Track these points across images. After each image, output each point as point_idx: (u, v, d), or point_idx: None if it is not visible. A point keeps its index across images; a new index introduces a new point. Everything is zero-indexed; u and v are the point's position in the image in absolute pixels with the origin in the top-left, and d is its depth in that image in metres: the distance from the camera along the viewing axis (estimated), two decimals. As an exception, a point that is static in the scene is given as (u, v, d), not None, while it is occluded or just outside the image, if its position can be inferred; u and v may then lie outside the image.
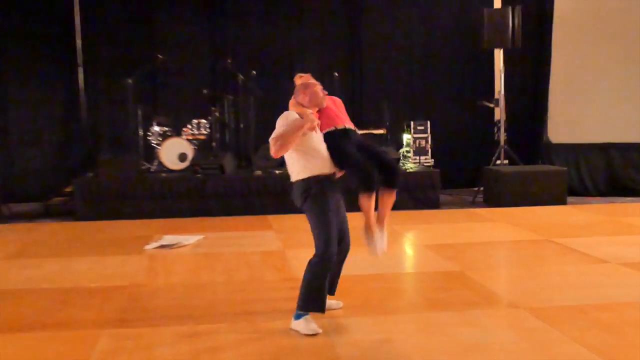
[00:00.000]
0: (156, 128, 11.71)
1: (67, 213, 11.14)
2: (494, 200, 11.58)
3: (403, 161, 12.35)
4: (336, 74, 12.27)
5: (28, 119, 12.80)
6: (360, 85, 13.64)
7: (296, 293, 5.38)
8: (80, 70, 12.82)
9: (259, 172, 11.15)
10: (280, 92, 13.01)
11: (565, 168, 11.99)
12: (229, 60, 12.18)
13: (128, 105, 11.79)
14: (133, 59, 12.80)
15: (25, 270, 7.46)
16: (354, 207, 5.60)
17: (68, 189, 11.65)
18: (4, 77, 12.76)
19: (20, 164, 12.77)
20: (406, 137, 12.86)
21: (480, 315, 5.63)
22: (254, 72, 11.79)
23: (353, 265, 7.33)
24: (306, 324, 5.22)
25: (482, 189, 12.04)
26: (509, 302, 6.03)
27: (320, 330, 5.18)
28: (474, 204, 11.76)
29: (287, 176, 5.59)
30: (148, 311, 5.91)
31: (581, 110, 12.83)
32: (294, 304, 5.36)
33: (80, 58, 12.81)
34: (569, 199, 11.66)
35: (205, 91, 12.21)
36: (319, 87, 5.52)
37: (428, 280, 6.93)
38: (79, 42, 12.76)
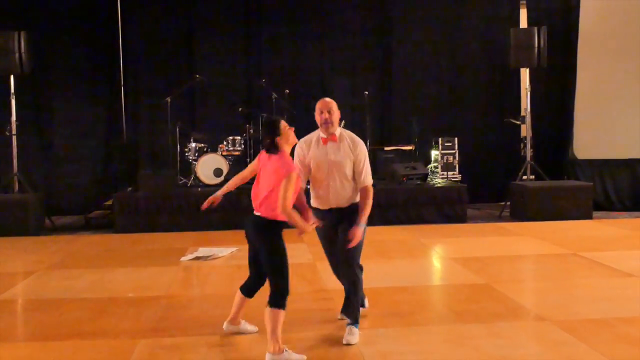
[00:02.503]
0: (193, 144, 11.74)
1: (107, 226, 11.20)
2: (520, 214, 11.42)
3: (431, 176, 12.24)
4: (366, 93, 12.24)
5: (72, 137, 12.93)
6: (390, 103, 13.58)
7: (326, 304, 5.30)
8: (122, 90, 12.93)
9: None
10: (311, 110, 13.05)
11: (590, 183, 11.81)
12: (264, 80, 12.20)
13: (166, 122, 11.85)
14: (172, 79, 12.91)
15: (66, 280, 7.48)
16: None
17: (108, 203, 11.72)
18: (50, 97, 12.92)
19: (64, 179, 12.89)
20: (434, 153, 12.77)
21: (507, 328, 5.50)
22: (287, 91, 11.78)
23: (381, 277, 7.27)
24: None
25: (508, 203, 11.89)
26: (536, 315, 5.89)
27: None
28: (500, 218, 11.60)
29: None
30: (183, 321, 5.87)
31: (606, 127, 12.66)
32: (323, 314, 5.28)
33: (122, 78, 12.93)
34: (595, 213, 11.46)
35: (240, 109, 12.23)
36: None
37: (455, 293, 6.81)
38: (121, 62, 12.88)
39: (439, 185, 11.62)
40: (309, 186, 5.49)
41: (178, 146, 11.92)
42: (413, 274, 7.56)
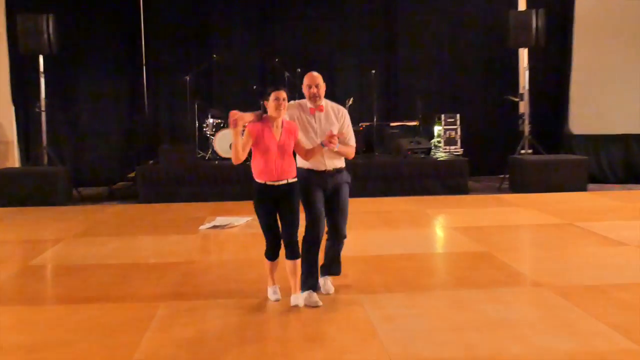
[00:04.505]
0: (210, 120, 11.68)
1: (130, 196, 11.20)
2: (519, 186, 11.34)
3: (434, 150, 12.17)
4: (373, 71, 12.12)
5: (96, 113, 12.91)
6: (395, 81, 13.49)
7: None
8: (144, 69, 12.88)
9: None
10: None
11: (585, 157, 11.72)
12: (277, 60, 12.13)
13: (186, 99, 11.79)
14: (190, 58, 12.84)
15: (92, 247, 7.49)
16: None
17: (131, 175, 11.72)
18: (77, 75, 12.87)
19: (89, 152, 12.89)
20: (437, 129, 12.69)
21: (506, 293, 5.47)
22: (299, 69, 11.67)
23: (388, 245, 7.25)
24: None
25: (507, 176, 11.80)
26: (533, 281, 5.85)
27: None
28: (500, 190, 11.54)
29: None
30: (201, 285, 5.87)
31: (601, 103, 12.52)
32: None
33: (143, 58, 12.87)
34: (589, 186, 11.36)
35: (254, 87, 12.15)
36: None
37: (457, 260, 6.78)
38: (142, 43, 12.80)
39: (441, 158, 11.55)
40: None
41: (196, 122, 11.87)
42: (417, 243, 7.53)
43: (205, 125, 11.74)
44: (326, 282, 5.57)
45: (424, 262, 6.71)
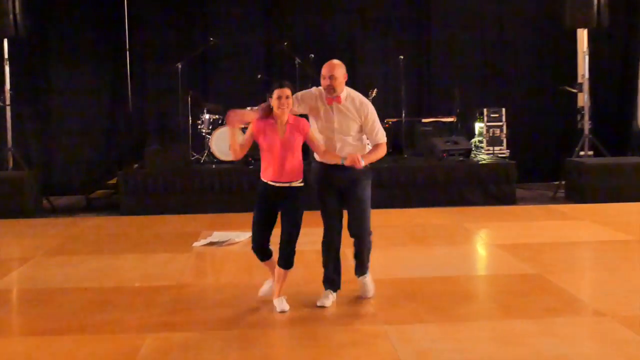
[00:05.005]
0: (207, 116, 11.73)
1: (111, 207, 11.26)
2: (576, 195, 11.29)
3: (475, 152, 12.15)
4: (401, 57, 12.11)
5: (71, 106, 12.98)
6: (428, 69, 13.49)
7: (357, 294, 5.37)
8: (127, 55, 12.94)
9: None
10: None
11: (658, 160, 11.67)
12: (285, 44, 12.14)
13: (177, 91, 11.85)
14: (183, 42, 12.91)
15: (65, 267, 7.52)
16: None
17: (112, 181, 11.79)
18: (48, 62, 12.97)
19: (62, 154, 12.98)
20: (479, 126, 12.66)
21: (561, 324, 5.44)
22: (312, 55, 11.70)
23: (419, 266, 7.24)
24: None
25: (563, 183, 11.76)
26: (595, 310, 5.82)
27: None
28: (554, 200, 11.50)
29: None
30: (195, 314, 5.88)
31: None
32: (354, 307, 5.29)
33: (127, 42, 12.94)
34: (663, 194, 11.31)
35: (259, 76, 12.18)
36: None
37: (502, 284, 6.75)
38: (125, 25, 12.87)
39: (484, 162, 11.53)
40: None
41: (190, 118, 11.92)
42: (454, 263, 7.51)
43: (200, 122, 11.79)
44: (363, 284, 6.13)
45: (462, 286, 6.69)
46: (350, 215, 5.95)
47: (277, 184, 5.68)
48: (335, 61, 5.85)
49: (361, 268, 6.14)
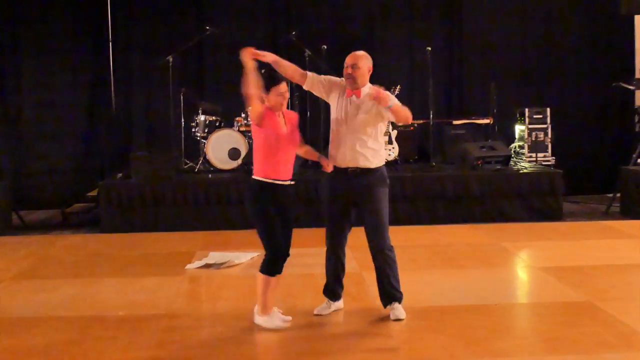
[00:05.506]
0: (202, 117, 11.77)
1: (91, 223, 11.32)
2: (634, 210, 11.28)
3: (515, 159, 12.14)
4: (429, 48, 12.12)
5: (44, 107, 13.05)
6: (460, 63, 13.50)
7: (378, 328, 5.51)
8: (110, 48, 12.98)
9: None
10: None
11: None
12: (294, 33, 12.17)
13: (168, 89, 11.88)
14: (174, 31, 12.95)
15: (38, 293, 7.53)
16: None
17: (92, 193, 11.81)
18: (17, 55, 13.03)
19: (35, 162, 13.04)
20: (519, 129, 12.67)
21: (616, 360, 5.43)
22: (325, 46, 11.74)
23: (450, 292, 7.23)
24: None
25: (618, 195, 11.74)
26: (655, 344, 5.81)
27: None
28: (607, 215, 11.49)
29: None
30: (189, 347, 5.88)
31: None
32: (373, 340, 5.25)
33: (109, 32, 12.97)
34: None
35: (263, 71, 12.17)
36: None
37: (547, 314, 6.74)
38: (108, 13, 12.91)
39: (525, 171, 11.52)
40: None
41: (183, 120, 11.96)
42: (491, 289, 7.50)
43: (194, 124, 11.82)
44: (392, 310, 6.33)
45: (500, 316, 6.69)
46: (366, 227, 6.28)
47: (287, 183, 6.10)
48: (361, 52, 6.32)
49: (386, 296, 6.37)
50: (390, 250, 6.27)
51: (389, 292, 6.34)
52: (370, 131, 6.25)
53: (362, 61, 6.24)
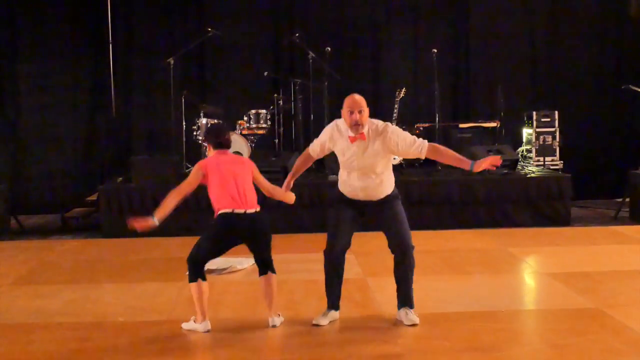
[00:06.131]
0: (203, 120, 11.78)
1: (90, 227, 11.34)
2: (643, 215, 11.29)
3: (522, 163, 12.13)
4: (434, 50, 12.14)
5: (43, 110, 13.07)
6: (467, 65, 13.51)
7: (383, 334, 5.33)
8: (110, 50, 13.00)
9: (334, 177, 11.09)
10: (362, 74, 13.06)
11: None
12: (297, 35, 12.18)
13: (169, 91, 11.89)
14: (176, 33, 12.98)
15: (37, 299, 7.54)
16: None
17: (92, 198, 11.82)
18: (15, 57, 13.05)
19: (34, 166, 13.07)
20: (526, 132, 12.66)
21: (625, 368, 5.43)
22: (329, 48, 11.75)
23: (455, 299, 7.23)
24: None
25: (627, 200, 11.73)
26: (665, 352, 5.81)
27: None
28: (616, 220, 11.49)
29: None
30: (190, 354, 5.90)
31: None
32: (378, 349, 5.25)
33: (109, 34, 12.99)
34: None
35: (266, 74, 12.23)
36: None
37: (555, 321, 6.73)
38: (109, 14, 12.93)
39: (533, 175, 11.52)
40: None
41: (184, 122, 11.97)
42: (498, 295, 7.50)
43: (195, 127, 11.84)
44: (407, 314, 6.40)
45: (506, 323, 6.68)
46: (390, 232, 6.36)
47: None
48: (358, 96, 6.22)
49: (405, 298, 6.45)
50: (413, 249, 6.40)
51: (410, 295, 6.45)
52: (381, 169, 6.28)
53: (365, 104, 6.19)
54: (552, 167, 12.19)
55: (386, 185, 6.36)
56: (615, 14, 12.78)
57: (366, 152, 6.19)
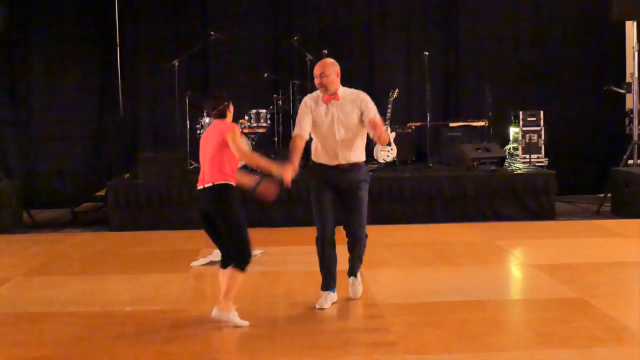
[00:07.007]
0: (206, 119, 11.77)
1: (99, 221, 11.34)
2: (624, 209, 11.27)
3: (509, 160, 12.14)
4: (426, 53, 12.13)
5: (54, 109, 13.05)
6: (456, 66, 13.49)
7: (377, 322, 5.36)
8: (118, 52, 12.98)
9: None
10: (357, 75, 13.05)
11: None
12: (295, 38, 12.18)
13: (174, 92, 11.88)
14: (180, 36, 12.95)
15: (48, 289, 7.55)
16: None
17: (100, 193, 11.81)
18: (27, 59, 13.04)
19: (45, 162, 13.06)
20: (513, 131, 12.66)
21: (607, 354, 5.44)
22: (325, 51, 11.73)
23: (446, 289, 7.23)
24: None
25: (609, 195, 11.73)
26: (645, 339, 5.81)
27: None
28: (599, 214, 11.48)
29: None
30: (194, 343, 5.88)
31: None
32: (371, 335, 5.25)
33: (117, 37, 12.97)
34: None
35: (265, 75, 12.22)
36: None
37: (540, 310, 6.74)
38: (116, 18, 12.91)
39: (519, 172, 11.52)
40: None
41: (188, 122, 11.96)
42: (485, 286, 7.50)
43: (199, 126, 11.83)
44: (353, 284, 6.88)
45: (494, 312, 6.69)
46: (351, 216, 6.58)
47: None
48: (329, 60, 6.62)
49: (353, 269, 6.87)
50: (366, 237, 6.68)
51: (357, 268, 6.86)
52: (354, 126, 6.52)
53: (329, 68, 6.50)
54: (537, 164, 12.19)
55: (358, 148, 6.58)
56: (598, 17, 12.75)
57: (341, 109, 6.49)
